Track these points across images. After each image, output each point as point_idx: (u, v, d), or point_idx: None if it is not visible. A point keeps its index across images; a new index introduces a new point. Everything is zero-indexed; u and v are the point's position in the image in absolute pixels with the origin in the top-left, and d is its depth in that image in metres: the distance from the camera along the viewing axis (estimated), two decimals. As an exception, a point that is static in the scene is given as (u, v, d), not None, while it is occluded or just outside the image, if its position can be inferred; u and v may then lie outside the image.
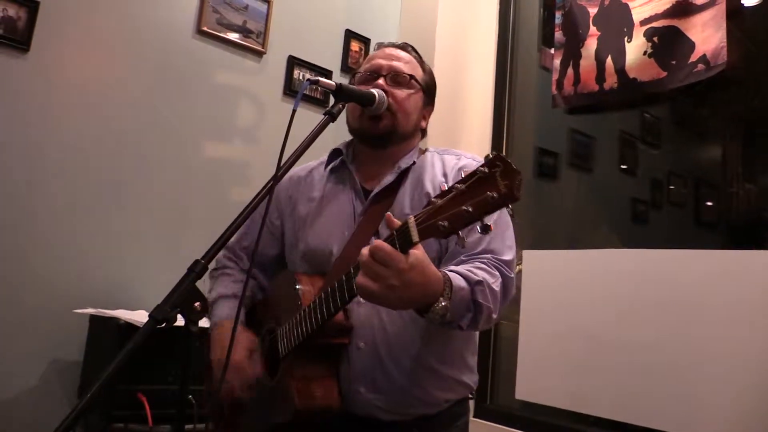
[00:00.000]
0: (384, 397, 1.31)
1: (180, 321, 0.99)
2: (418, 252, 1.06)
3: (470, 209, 0.94)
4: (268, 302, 1.55)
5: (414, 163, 1.45)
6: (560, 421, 2.42)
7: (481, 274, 1.22)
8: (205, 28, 2.72)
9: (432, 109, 1.57)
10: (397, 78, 1.45)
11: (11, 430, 2.18)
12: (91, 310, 2.21)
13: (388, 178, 1.42)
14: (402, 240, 1.03)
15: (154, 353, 1.95)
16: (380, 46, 1.56)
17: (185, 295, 0.98)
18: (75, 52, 2.41)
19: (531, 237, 2.77)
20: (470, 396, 1.47)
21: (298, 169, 1.59)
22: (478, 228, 0.95)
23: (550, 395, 2.38)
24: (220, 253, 1.58)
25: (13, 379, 2.21)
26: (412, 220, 1.02)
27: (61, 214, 2.33)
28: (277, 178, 1.17)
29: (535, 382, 2.42)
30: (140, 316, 2.10)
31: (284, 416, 1.30)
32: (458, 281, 1.16)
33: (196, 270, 1.01)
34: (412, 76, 1.46)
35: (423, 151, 1.51)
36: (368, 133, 1.44)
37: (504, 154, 2.96)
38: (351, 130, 1.51)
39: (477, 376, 1.47)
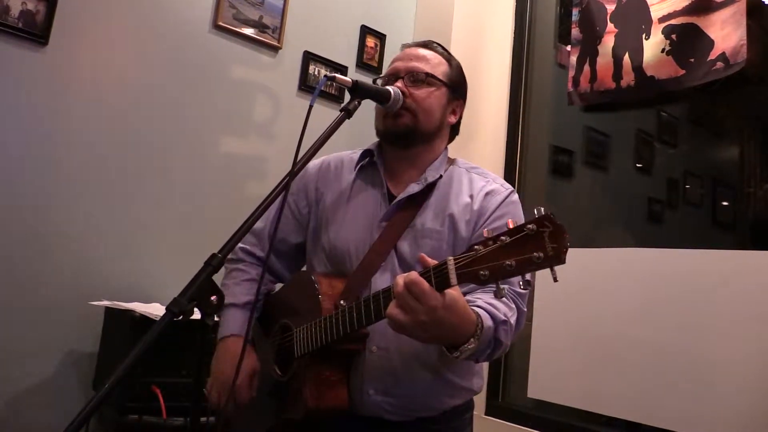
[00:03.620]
0: (393, 400, 1.32)
1: (196, 314, 1.00)
2: (455, 293, 1.06)
3: (513, 264, 0.95)
4: (285, 297, 1.55)
5: (441, 176, 1.44)
6: (572, 420, 2.41)
7: (503, 310, 1.24)
8: (221, 23, 2.73)
9: (462, 104, 1.55)
10: (414, 77, 1.44)
11: (26, 422, 2.20)
12: (106, 303, 2.23)
13: (414, 188, 1.41)
14: (439, 280, 1.03)
15: (169, 346, 1.98)
16: (404, 47, 1.55)
17: (202, 289, 0.98)
18: (92, 46, 2.43)
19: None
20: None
21: (331, 157, 1.59)
22: (520, 283, 0.96)
23: (562, 394, 2.37)
24: (238, 247, 1.59)
25: (28, 370, 2.23)
26: (452, 262, 1.01)
27: (77, 208, 2.35)
28: (293, 174, 1.17)
29: (547, 380, 2.42)
30: (155, 309, 2.12)
31: (295, 414, 1.33)
32: (487, 321, 1.17)
33: (213, 264, 1.01)
34: (428, 74, 1.45)
35: (451, 161, 1.51)
36: (389, 131, 1.43)
37: (519, 151, 2.98)
38: (377, 133, 1.50)
39: (483, 380, 1.49)
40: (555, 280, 0.95)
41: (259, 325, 1.57)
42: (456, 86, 1.51)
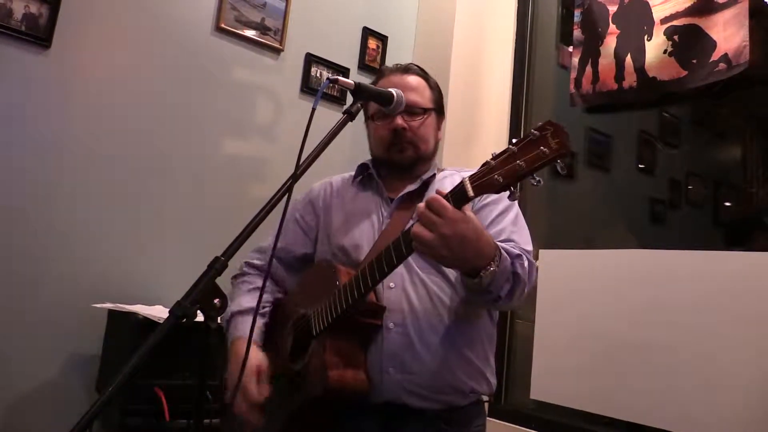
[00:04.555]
0: (413, 378, 1.33)
1: (199, 317, 1.00)
2: (472, 214, 1.15)
3: (523, 164, 1.03)
4: (298, 293, 1.58)
5: (434, 174, 1.54)
6: (575, 422, 2.41)
7: (517, 251, 1.31)
8: (223, 26, 2.73)
9: (443, 118, 1.65)
10: (412, 110, 1.51)
11: (29, 424, 2.20)
12: (109, 305, 2.23)
13: (411, 187, 1.51)
14: (457, 197, 1.12)
15: (172, 348, 1.97)
16: (384, 73, 1.61)
17: (205, 292, 0.98)
18: (95, 49, 2.43)
19: (547, 236, 2.76)
20: (487, 399, 1.50)
21: (334, 178, 1.69)
22: (533, 181, 1.03)
23: (564, 395, 2.37)
24: (243, 263, 1.67)
25: (31, 372, 2.23)
26: (467, 180, 1.10)
27: (80, 210, 2.36)
28: (296, 177, 1.17)
29: (549, 382, 2.42)
30: (158, 312, 2.12)
31: (314, 391, 1.32)
32: (503, 251, 1.23)
33: (216, 266, 1.01)
34: (425, 109, 1.54)
35: (440, 170, 1.61)
36: (396, 163, 1.54)
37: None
38: (376, 158, 1.59)
39: (494, 376, 1.50)
40: (562, 170, 1.05)
41: (272, 330, 1.57)
42: (440, 106, 1.61)
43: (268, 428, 1.44)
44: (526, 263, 1.30)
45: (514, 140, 1.06)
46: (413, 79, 1.56)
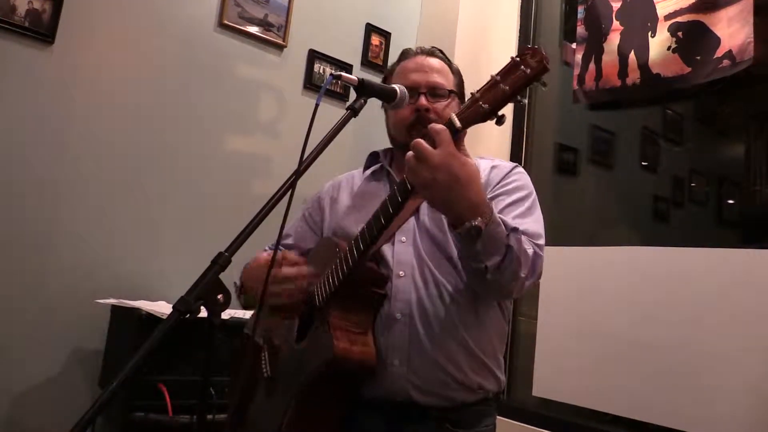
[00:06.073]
0: (418, 372, 1.31)
1: (203, 313, 1.00)
2: (470, 160, 1.19)
3: (507, 88, 1.08)
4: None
5: None
6: (577, 419, 2.41)
7: (518, 228, 1.26)
8: (226, 22, 2.73)
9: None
10: (435, 92, 1.48)
11: (33, 419, 2.21)
12: (112, 301, 2.24)
13: None
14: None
15: (175, 344, 1.98)
16: (408, 54, 1.57)
17: (209, 287, 0.99)
18: (99, 45, 2.44)
19: (550, 233, 2.74)
20: (498, 396, 1.47)
21: (341, 176, 1.68)
22: (518, 99, 1.09)
23: (567, 392, 2.37)
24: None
25: (34, 367, 2.24)
26: (453, 114, 1.13)
27: (83, 206, 2.36)
28: (299, 173, 1.17)
29: (552, 379, 2.42)
30: (161, 307, 2.12)
31: (320, 363, 1.28)
32: (497, 218, 1.20)
33: (220, 262, 1.01)
34: (451, 91, 1.51)
35: None
36: None
37: (524, 149, 2.98)
38: (395, 142, 1.55)
39: (504, 374, 1.47)
40: (544, 85, 1.10)
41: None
42: (461, 92, 1.57)
43: (272, 415, 1.41)
44: (526, 243, 1.25)
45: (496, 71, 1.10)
46: (436, 62, 1.53)
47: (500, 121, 1.10)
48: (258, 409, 1.49)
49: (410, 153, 1.12)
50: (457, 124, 1.11)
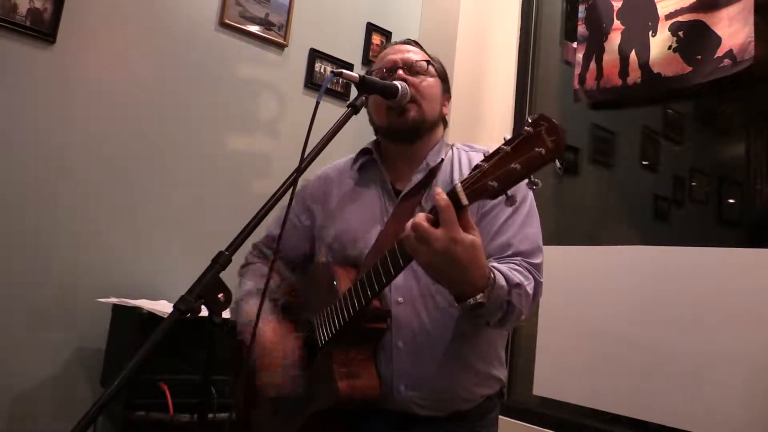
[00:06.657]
0: (424, 394, 1.31)
1: (203, 312, 1.00)
2: (472, 236, 1.05)
3: (519, 167, 0.95)
4: (303, 292, 1.54)
5: (442, 160, 1.45)
6: (578, 418, 2.41)
7: (519, 278, 1.22)
8: (227, 21, 2.73)
9: (450, 97, 1.57)
10: (413, 67, 1.46)
11: (34, 418, 2.21)
12: (114, 300, 2.24)
13: (418, 177, 1.42)
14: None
15: (176, 343, 1.98)
16: (386, 46, 1.57)
17: (209, 286, 0.99)
18: (100, 45, 2.44)
19: (551, 233, 2.75)
20: (502, 391, 1.47)
21: (328, 169, 1.61)
22: (531, 186, 0.96)
23: (568, 392, 2.37)
24: (248, 252, 1.63)
25: (36, 366, 2.24)
26: (459, 185, 1.02)
27: (84, 205, 2.36)
28: (300, 170, 1.17)
29: (553, 378, 2.42)
30: (162, 306, 2.13)
31: (325, 401, 1.29)
32: (500, 280, 1.16)
33: (220, 261, 1.01)
34: (428, 62, 1.48)
35: (450, 146, 1.51)
36: (398, 128, 1.44)
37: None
38: (378, 129, 1.52)
39: (506, 369, 1.47)
40: (560, 170, 0.99)
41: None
42: (445, 79, 1.54)
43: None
44: (525, 290, 1.23)
45: (506, 137, 0.98)
46: (414, 47, 1.52)
47: (511, 201, 0.99)
48: (264, 424, 1.50)
49: (411, 232, 1.05)
50: (464, 201, 1.01)
